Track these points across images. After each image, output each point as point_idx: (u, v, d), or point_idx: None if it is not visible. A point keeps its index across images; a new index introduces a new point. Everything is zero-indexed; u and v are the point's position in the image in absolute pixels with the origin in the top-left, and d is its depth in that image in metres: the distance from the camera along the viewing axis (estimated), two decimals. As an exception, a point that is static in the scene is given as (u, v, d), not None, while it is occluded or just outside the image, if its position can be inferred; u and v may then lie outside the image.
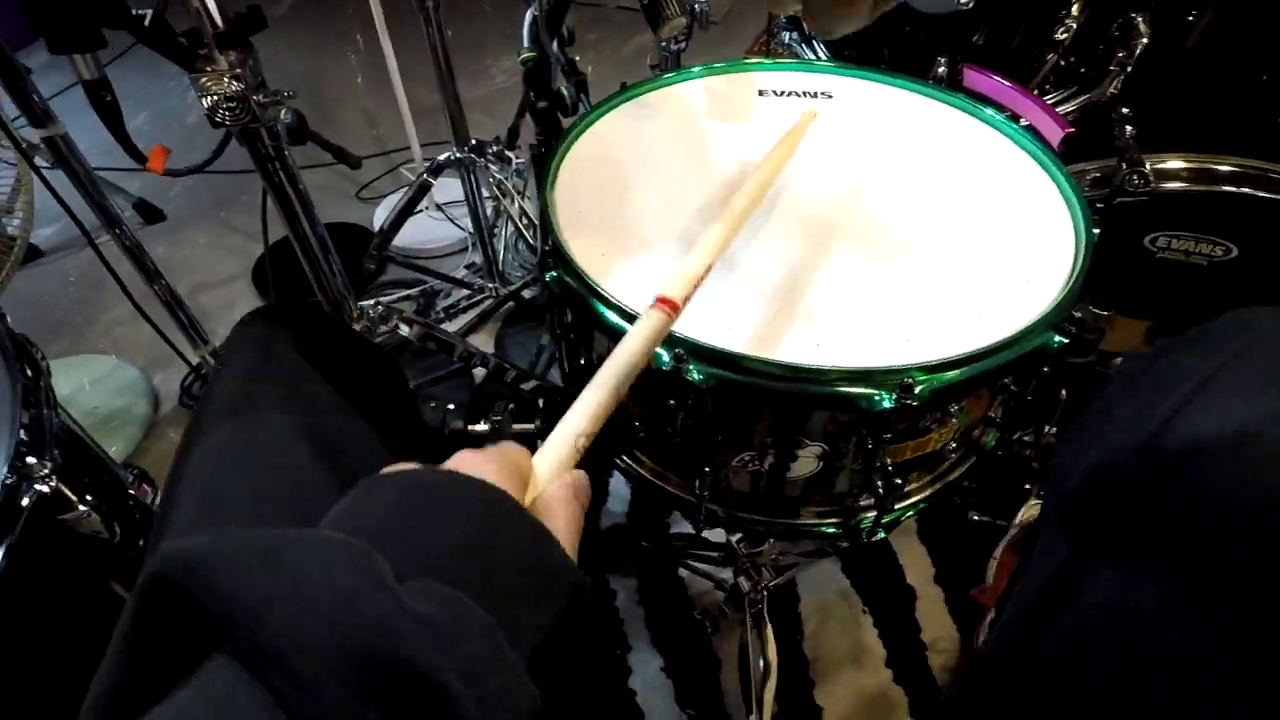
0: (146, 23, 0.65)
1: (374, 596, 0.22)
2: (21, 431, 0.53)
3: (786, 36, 0.99)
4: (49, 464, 0.52)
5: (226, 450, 0.49)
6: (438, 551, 0.26)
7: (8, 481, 0.50)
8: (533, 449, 0.35)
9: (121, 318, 1.55)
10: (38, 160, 0.93)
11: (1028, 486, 0.99)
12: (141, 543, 0.69)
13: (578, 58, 1.02)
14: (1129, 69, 0.83)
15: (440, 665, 0.22)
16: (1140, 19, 0.81)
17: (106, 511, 0.57)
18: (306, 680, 0.20)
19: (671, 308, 0.41)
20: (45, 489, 0.51)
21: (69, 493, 0.53)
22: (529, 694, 0.24)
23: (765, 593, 0.95)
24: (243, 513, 0.47)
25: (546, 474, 0.33)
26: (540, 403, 1.08)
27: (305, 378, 0.56)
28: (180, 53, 0.67)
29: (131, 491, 0.73)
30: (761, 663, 0.93)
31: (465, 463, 0.31)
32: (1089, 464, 0.49)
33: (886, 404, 0.48)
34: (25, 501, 0.50)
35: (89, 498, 0.56)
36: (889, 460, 0.56)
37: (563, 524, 0.31)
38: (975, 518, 1.05)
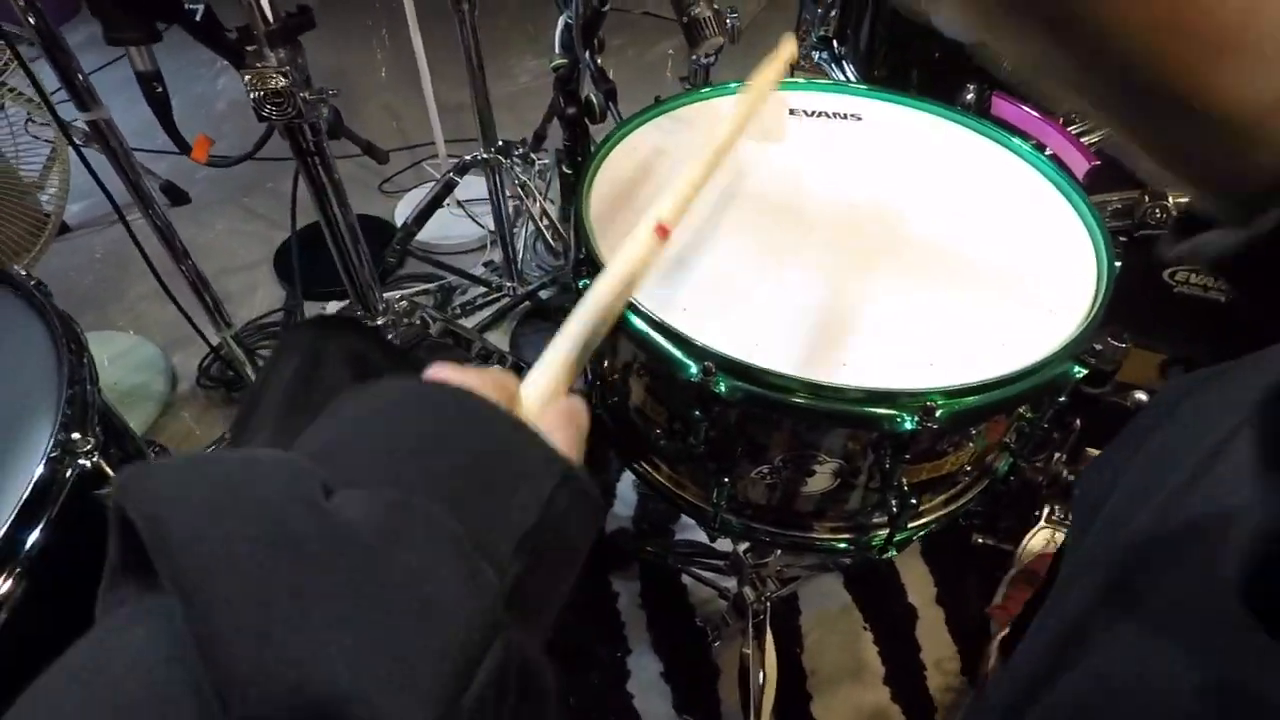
0: (198, 17, 0.67)
1: (295, 513, 0.22)
2: (66, 407, 0.54)
3: (816, 56, 1.00)
4: (91, 439, 0.54)
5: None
6: (389, 455, 0.26)
7: (52, 455, 0.52)
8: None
9: (145, 294, 1.56)
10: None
11: (1036, 514, 1.00)
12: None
13: (601, 61, 1.04)
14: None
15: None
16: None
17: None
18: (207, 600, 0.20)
19: (662, 232, 0.40)
20: (87, 464, 0.53)
21: (107, 468, 0.55)
22: (485, 581, 0.23)
23: (768, 603, 0.96)
24: None
25: (537, 399, 0.31)
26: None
27: (348, 388, 0.58)
28: (230, 48, 0.68)
29: (155, 468, 0.75)
30: (761, 673, 0.94)
31: (441, 373, 0.30)
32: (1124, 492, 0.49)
33: (908, 425, 0.49)
34: (68, 475, 0.52)
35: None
36: (905, 480, 0.57)
37: (560, 443, 0.29)
38: (979, 541, 1.06)
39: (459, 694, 0.21)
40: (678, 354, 0.52)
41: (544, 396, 0.32)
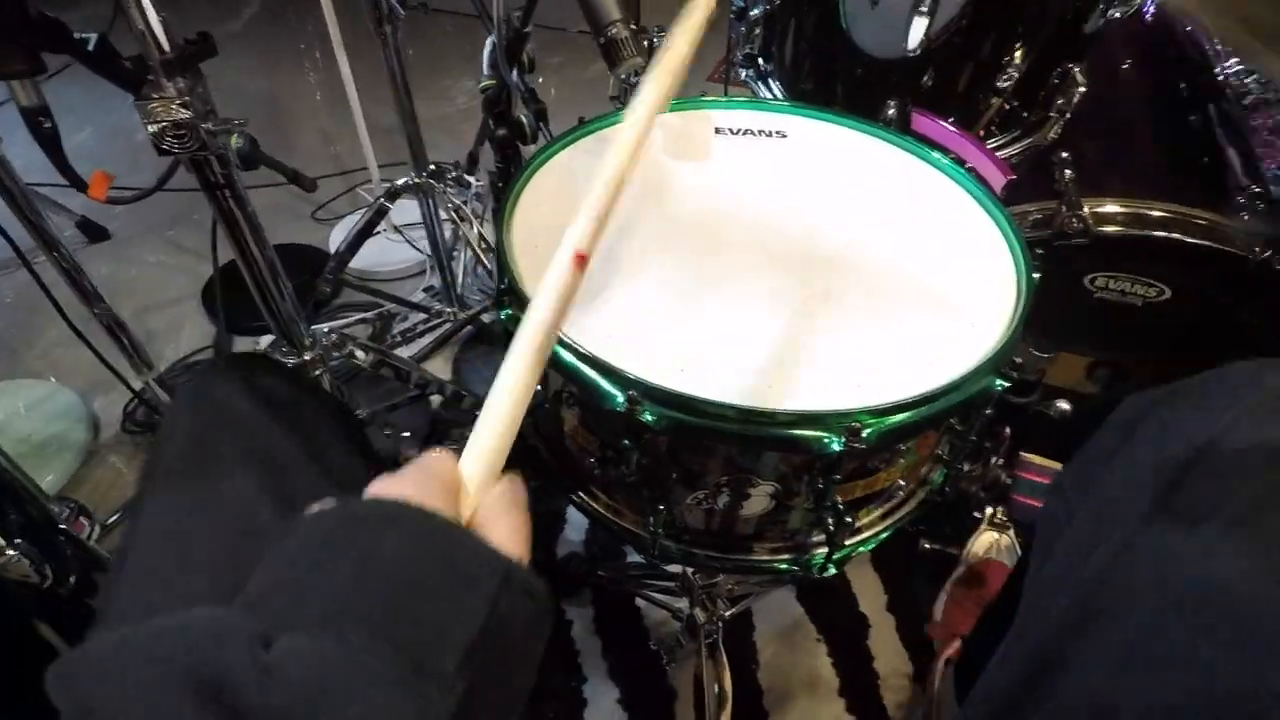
0: (90, 47, 0.64)
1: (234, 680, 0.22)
2: (-55, 474, 0.50)
3: (743, 74, 1.01)
4: (-26, 509, 0.50)
5: (185, 509, 0.47)
6: (325, 594, 0.26)
7: (-71, 528, 0.48)
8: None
9: (62, 339, 1.48)
10: (-27, 178, 0.89)
11: (976, 515, 1.01)
12: (73, 579, 0.67)
13: (541, 80, 1.03)
14: (1068, 115, 0.86)
15: None
16: (1077, 69, 0.84)
17: (37, 554, 0.55)
18: None
19: (581, 261, 0.39)
20: (-31, 535, 0.49)
21: (-4, 536, 0.51)
22: (434, 711, 0.24)
23: (720, 623, 0.95)
24: (204, 574, 0.45)
25: (477, 481, 0.32)
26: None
27: (260, 431, 0.53)
28: (126, 78, 0.65)
29: (64, 527, 0.70)
30: (716, 691, 0.93)
31: (380, 489, 0.30)
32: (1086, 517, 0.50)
33: (836, 446, 0.49)
34: (-53, 548, 0.48)
35: (18, 540, 0.53)
36: (839, 498, 0.56)
37: (506, 533, 0.30)
38: (927, 546, 1.07)
39: None
40: (603, 383, 0.51)
41: (484, 477, 0.32)
